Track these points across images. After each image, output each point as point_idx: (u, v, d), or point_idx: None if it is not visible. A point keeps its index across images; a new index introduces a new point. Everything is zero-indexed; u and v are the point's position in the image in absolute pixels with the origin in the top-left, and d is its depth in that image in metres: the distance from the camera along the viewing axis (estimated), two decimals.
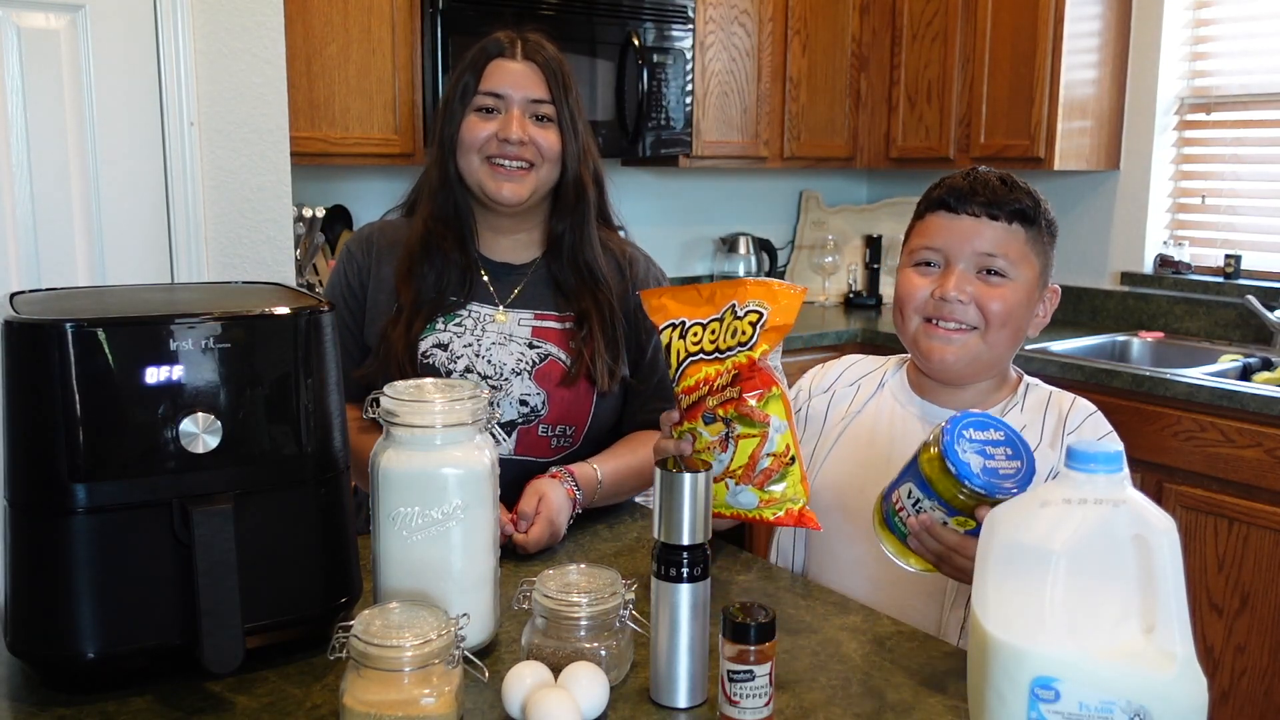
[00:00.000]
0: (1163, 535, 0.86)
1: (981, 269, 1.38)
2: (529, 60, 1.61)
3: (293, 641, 1.13)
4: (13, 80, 2.12)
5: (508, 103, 1.59)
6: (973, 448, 1.11)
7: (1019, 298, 1.38)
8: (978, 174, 1.41)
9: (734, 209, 4.10)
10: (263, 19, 2.38)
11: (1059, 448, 1.39)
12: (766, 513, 1.22)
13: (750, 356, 1.20)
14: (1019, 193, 1.39)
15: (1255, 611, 2.60)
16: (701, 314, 1.26)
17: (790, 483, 1.22)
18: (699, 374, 1.23)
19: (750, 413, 1.19)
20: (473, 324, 1.61)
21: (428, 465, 1.11)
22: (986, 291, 1.37)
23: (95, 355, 1.00)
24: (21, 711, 1.03)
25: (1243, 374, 2.93)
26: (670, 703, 1.05)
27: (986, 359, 1.40)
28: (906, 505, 1.17)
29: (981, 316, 1.37)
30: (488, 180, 1.59)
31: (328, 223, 3.07)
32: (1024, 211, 1.38)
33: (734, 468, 1.21)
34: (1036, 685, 0.88)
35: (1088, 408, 1.43)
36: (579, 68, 3.15)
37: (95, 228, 2.25)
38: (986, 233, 1.37)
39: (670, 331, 1.28)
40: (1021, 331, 1.42)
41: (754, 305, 1.22)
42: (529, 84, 1.60)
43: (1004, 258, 1.37)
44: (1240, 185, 3.37)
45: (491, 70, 1.60)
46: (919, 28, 3.71)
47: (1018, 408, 1.44)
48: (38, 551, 1.03)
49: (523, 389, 1.59)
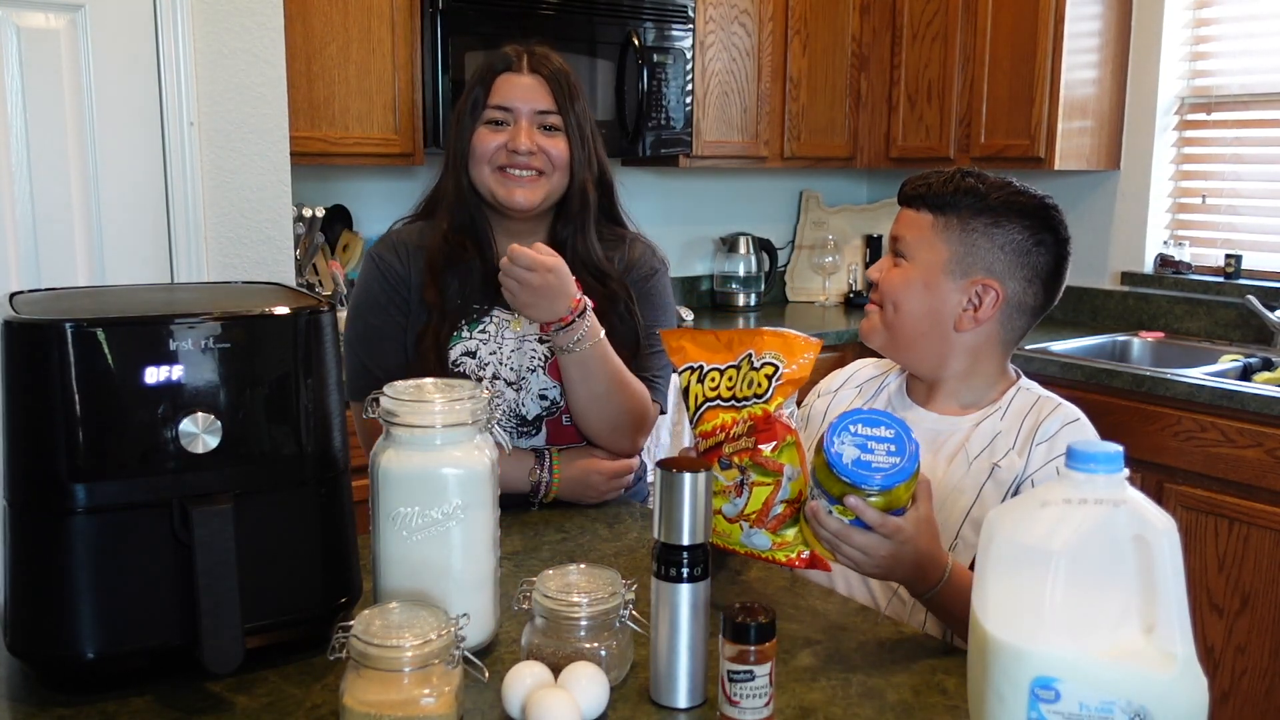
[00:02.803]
0: (1163, 535, 0.86)
1: (894, 252, 1.47)
2: (535, 73, 1.65)
3: (293, 641, 1.13)
4: (13, 80, 2.12)
5: (516, 115, 1.64)
6: (853, 441, 1.16)
7: (908, 278, 1.44)
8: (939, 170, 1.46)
9: (734, 209, 4.10)
10: (263, 19, 2.38)
11: (1026, 454, 1.38)
12: (779, 555, 1.24)
13: (765, 409, 1.23)
14: (955, 182, 1.42)
15: (1255, 612, 2.60)
16: (719, 359, 1.29)
17: (802, 526, 1.23)
18: (716, 420, 1.26)
19: (765, 462, 1.22)
20: (495, 330, 1.66)
21: (428, 465, 1.11)
22: (888, 274, 1.46)
23: (95, 355, 1.00)
24: (21, 711, 1.03)
25: (1243, 374, 2.92)
26: (670, 703, 1.05)
27: (889, 339, 1.47)
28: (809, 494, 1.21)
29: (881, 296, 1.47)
30: (499, 187, 1.64)
31: (328, 223, 3.08)
32: (928, 197, 1.43)
33: (748, 512, 1.23)
34: (1036, 685, 0.88)
35: (1068, 415, 1.41)
36: (579, 68, 3.15)
37: (95, 228, 2.25)
38: (900, 219, 1.48)
39: (689, 375, 1.31)
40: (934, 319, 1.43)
41: (770, 357, 1.25)
42: (535, 96, 1.64)
43: (906, 238, 1.45)
44: (1240, 185, 3.37)
45: (499, 85, 1.65)
46: (919, 28, 3.71)
47: (999, 413, 1.44)
48: (37, 551, 1.03)
49: (540, 384, 1.65)
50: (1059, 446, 1.37)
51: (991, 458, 1.40)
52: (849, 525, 1.16)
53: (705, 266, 4.07)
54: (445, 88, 2.92)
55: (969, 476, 1.40)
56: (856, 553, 1.17)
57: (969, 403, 1.46)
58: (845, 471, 1.14)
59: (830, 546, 1.19)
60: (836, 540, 1.17)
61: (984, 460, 1.40)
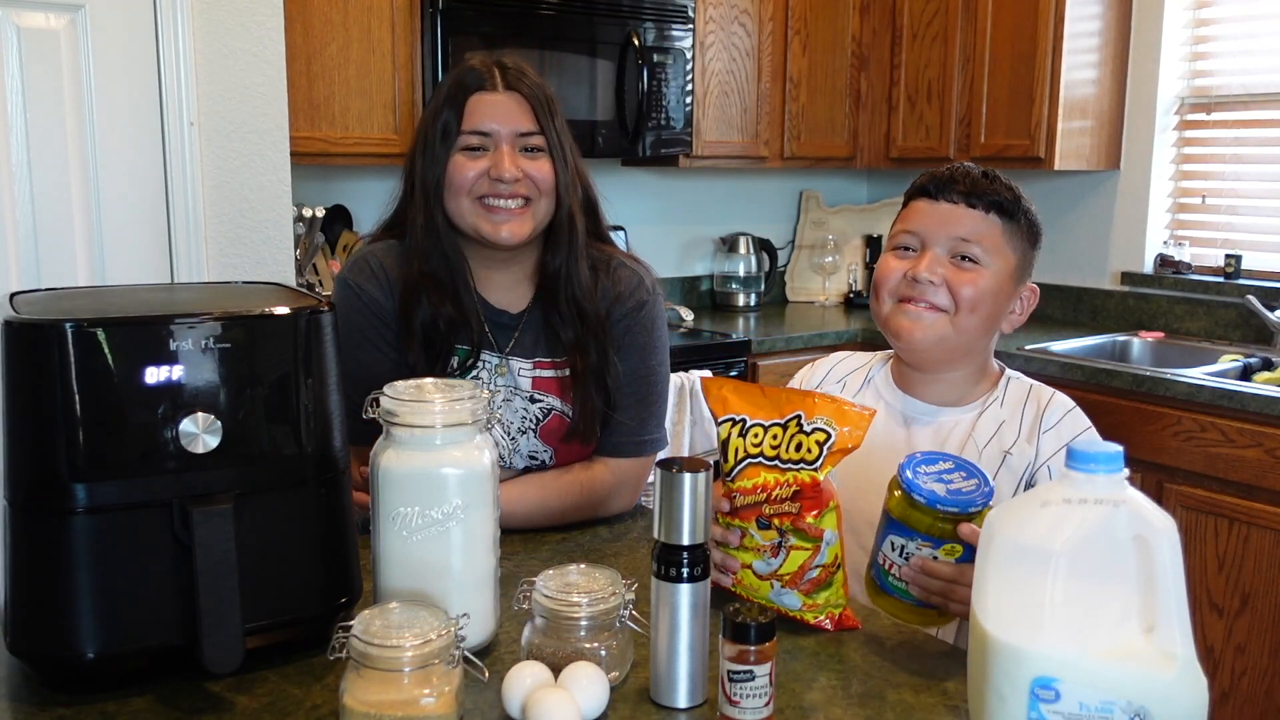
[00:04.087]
0: (1163, 535, 0.86)
1: (956, 254, 1.41)
2: (512, 90, 1.50)
3: (293, 641, 1.13)
4: (13, 80, 2.12)
5: (496, 139, 1.49)
6: (930, 478, 1.15)
7: (990, 285, 1.40)
8: (961, 166, 1.45)
9: (734, 209, 4.10)
10: (263, 19, 2.38)
11: (1035, 441, 1.41)
12: (808, 615, 1.22)
13: (814, 476, 1.20)
14: (999, 185, 1.42)
15: (1255, 611, 2.60)
16: (764, 415, 1.24)
17: (834, 588, 1.22)
18: (758, 478, 1.22)
19: (806, 529, 1.20)
20: (487, 378, 1.56)
21: (428, 465, 1.11)
22: (958, 275, 1.40)
23: (95, 355, 1.00)
24: (21, 711, 1.03)
25: (1243, 374, 2.92)
26: (670, 703, 1.05)
27: (954, 343, 1.42)
28: (893, 559, 1.18)
29: (952, 300, 1.40)
30: (483, 223, 1.50)
31: (328, 223, 3.08)
32: (1001, 203, 1.41)
33: (782, 573, 1.21)
34: (1036, 685, 0.88)
35: (1066, 403, 1.45)
36: (579, 68, 3.16)
37: (95, 228, 2.24)
38: (963, 219, 1.40)
39: (730, 426, 1.26)
40: (994, 322, 1.44)
41: (822, 424, 1.21)
42: (516, 116, 1.50)
43: (978, 244, 1.40)
44: (1240, 185, 3.37)
45: (473, 106, 1.50)
46: (919, 28, 3.71)
47: (998, 402, 1.46)
48: (38, 551, 1.03)
49: (530, 446, 1.57)
50: (1065, 434, 1.40)
51: (1001, 446, 1.41)
52: (960, 565, 1.13)
53: (705, 266, 4.07)
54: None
55: (980, 465, 1.40)
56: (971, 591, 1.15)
57: (965, 394, 1.47)
58: (949, 503, 1.11)
59: (945, 596, 1.15)
60: (953, 587, 1.14)
61: (994, 448, 1.42)
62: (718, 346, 3.30)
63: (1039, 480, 1.39)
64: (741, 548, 1.23)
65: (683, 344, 3.28)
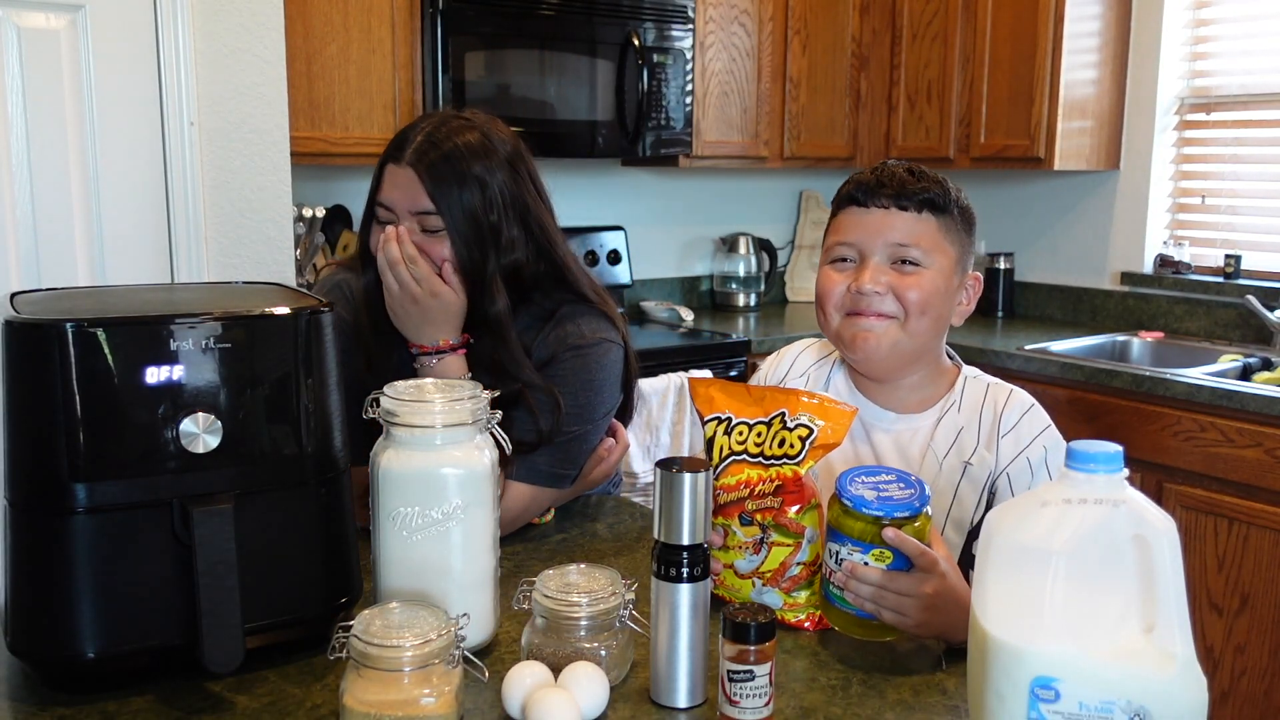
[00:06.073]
0: (1163, 535, 0.86)
1: (895, 259, 1.39)
2: (412, 166, 1.46)
3: (293, 641, 1.14)
4: (13, 80, 2.12)
5: (398, 213, 1.48)
6: (865, 487, 1.16)
7: (935, 285, 1.39)
8: (885, 167, 1.42)
9: (734, 209, 4.10)
10: (263, 19, 2.38)
11: (995, 447, 1.39)
12: (789, 615, 1.23)
13: (796, 471, 1.22)
14: (927, 181, 1.40)
15: (1255, 611, 2.60)
16: (749, 414, 1.27)
17: (815, 588, 1.23)
18: (741, 475, 1.24)
19: (788, 523, 1.21)
20: None
21: (428, 465, 1.11)
22: (902, 280, 1.38)
23: (95, 355, 1.00)
24: (21, 711, 1.03)
25: (1243, 374, 2.92)
26: (670, 703, 1.05)
27: (908, 347, 1.40)
28: (831, 566, 1.17)
29: (900, 306, 1.38)
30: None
31: (328, 223, 3.07)
32: (933, 200, 1.39)
33: (764, 570, 1.23)
34: (1036, 685, 0.88)
35: (1024, 403, 1.42)
36: (579, 68, 3.16)
37: (95, 228, 2.24)
38: (897, 223, 1.38)
39: (715, 425, 1.28)
40: (944, 319, 1.43)
41: (804, 419, 1.23)
42: (410, 194, 1.46)
43: (916, 246, 1.38)
44: (1240, 185, 3.37)
45: (385, 177, 1.50)
46: (919, 28, 3.71)
47: (955, 407, 1.43)
48: (38, 551, 1.03)
49: None
50: (1024, 436, 1.39)
51: (960, 455, 1.40)
52: (888, 571, 1.14)
53: (705, 266, 4.07)
54: (445, 88, 2.92)
55: (942, 476, 1.40)
56: (902, 599, 1.13)
57: (924, 397, 1.45)
58: (874, 507, 1.13)
59: (874, 602, 1.14)
60: (880, 592, 1.13)
61: (954, 458, 1.40)
62: (717, 346, 3.30)
63: (999, 489, 1.37)
64: (725, 548, 1.24)
65: (682, 344, 3.28)
